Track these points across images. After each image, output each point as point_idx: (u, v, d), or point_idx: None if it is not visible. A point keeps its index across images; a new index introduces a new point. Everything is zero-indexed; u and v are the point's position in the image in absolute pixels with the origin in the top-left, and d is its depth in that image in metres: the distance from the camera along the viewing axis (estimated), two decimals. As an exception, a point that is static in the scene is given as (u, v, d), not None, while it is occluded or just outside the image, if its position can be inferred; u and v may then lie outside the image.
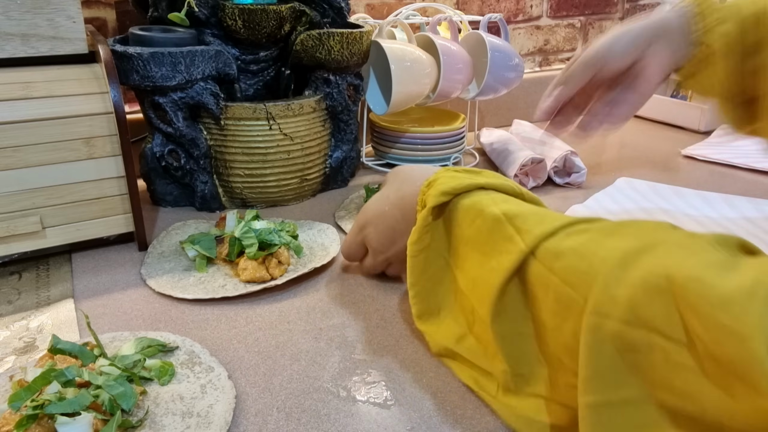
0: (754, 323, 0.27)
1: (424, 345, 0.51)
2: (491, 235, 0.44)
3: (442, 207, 0.48)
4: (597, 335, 0.34)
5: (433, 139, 0.92)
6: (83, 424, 0.38)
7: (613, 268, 0.35)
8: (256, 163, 0.77)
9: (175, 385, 0.46)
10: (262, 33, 0.75)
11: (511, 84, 0.95)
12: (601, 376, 0.34)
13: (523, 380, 0.43)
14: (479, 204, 0.46)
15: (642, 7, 1.36)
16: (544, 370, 0.42)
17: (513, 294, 0.42)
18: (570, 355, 0.38)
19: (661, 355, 0.32)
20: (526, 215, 0.43)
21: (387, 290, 0.60)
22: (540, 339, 0.42)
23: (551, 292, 0.39)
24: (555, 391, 0.41)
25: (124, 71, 0.68)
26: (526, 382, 0.42)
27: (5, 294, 0.60)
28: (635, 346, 0.33)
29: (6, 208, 0.59)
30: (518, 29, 1.23)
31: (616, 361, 0.34)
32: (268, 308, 0.57)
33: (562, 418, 0.40)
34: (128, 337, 0.51)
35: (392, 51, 0.81)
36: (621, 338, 0.33)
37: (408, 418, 0.43)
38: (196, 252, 0.63)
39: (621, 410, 0.34)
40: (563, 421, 0.40)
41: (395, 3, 1.07)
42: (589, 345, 0.35)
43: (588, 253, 0.38)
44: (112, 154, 0.63)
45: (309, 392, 0.46)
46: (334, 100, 0.80)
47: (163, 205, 0.81)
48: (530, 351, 0.42)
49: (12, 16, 0.59)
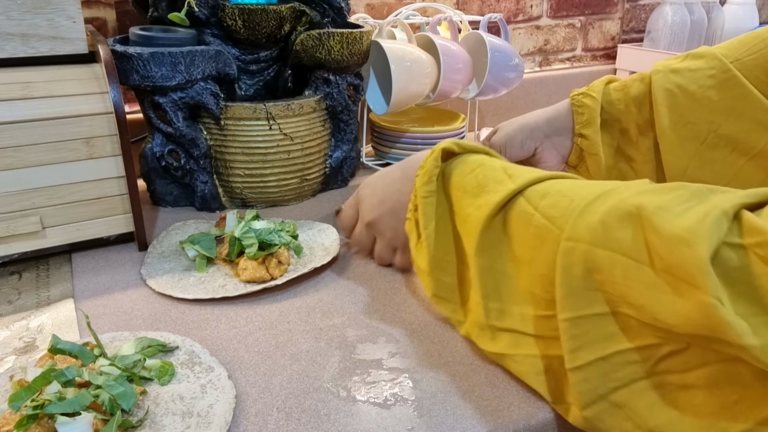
0: (703, 233, 0.32)
1: (424, 345, 0.52)
2: (485, 179, 0.48)
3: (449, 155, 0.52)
4: (569, 258, 0.39)
5: (433, 139, 0.92)
6: (83, 424, 0.38)
7: (591, 201, 0.39)
8: (256, 163, 0.77)
9: (175, 385, 0.46)
10: (262, 33, 0.75)
11: (511, 84, 0.95)
12: (574, 294, 0.39)
13: (496, 314, 0.46)
14: (482, 159, 0.51)
15: (642, 7, 1.36)
16: (516, 308, 0.45)
17: (496, 230, 0.46)
18: (542, 284, 0.43)
19: (620, 272, 0.36)
20: (522, 169, 0.48)
21: (387, 290, 0.60)
22: (514, 278, 0.46)
23: (531, 227, 0.43)
24: (526, 324, 0.45)
25: (124, 71, 0.68)
26: (499, 317, 0.46)
27: (5, 294, 0.60)
28: (599, 266, 0.37)
29: (6, 208, 0.59)
30: (518, 29, 1.23)
31: (586, 280, 0.38)
32: (268, 308, 0.57)
33: (534, 349, 0.44)
34: (128, 337, 0.51)
35: (392, 51, 0.81)
36: (589, 259, 0.38)
37: (408, 418, 0.43)
38: (196, 252, 0.63)
39: (592, 323, 0.38)
40: (535, 350, 0.44)
41: (395, 3, 1.07)
42: (563, 267, 0.39)
43: (570, 192, 0.42)
44: (112, 154, 0.63)
45: (309, 392, 0.46)
46: (334, 100, 0.80)
47: (163, 205, 0.81)
48: (505, 288, 0.46)
49: (12, 16, 0.59)
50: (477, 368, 0.49)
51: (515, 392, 0.46)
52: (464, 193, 0.49)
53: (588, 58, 1.35)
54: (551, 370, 0.43)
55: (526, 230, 0.44)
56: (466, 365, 0.49)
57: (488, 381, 0.47)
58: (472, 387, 0.47)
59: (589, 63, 1.35)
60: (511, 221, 0.45)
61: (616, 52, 1.33)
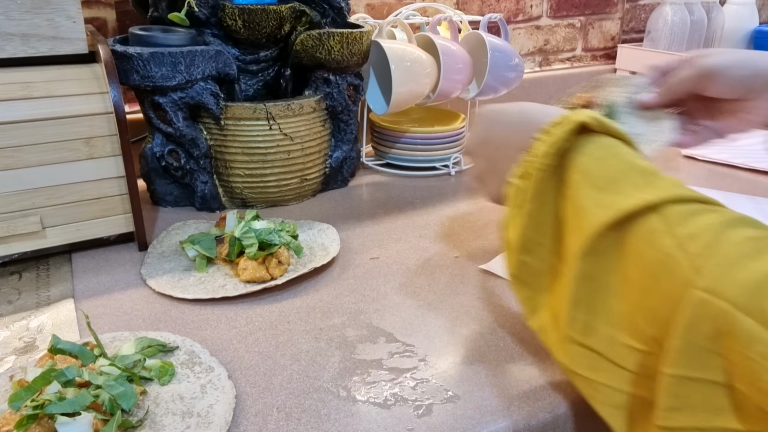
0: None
1: (425, 345, 0.52)
2: (618, 175, 0.41)
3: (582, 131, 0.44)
4: (701, 312, 0.33)
5: (433, 139, 0.92)
6: (83, 424, 0.38)
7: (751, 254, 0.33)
8: (256, 163, 0.77)
9: (175, 385, 0.46)
10: (262, 33, 0.75)
11: (511, 84, 0.95)
12: (692, 352, 0.34)
13: (581, 327, 0.41)
14: (620, 148, 0.43)
15: (642, 7, 1.36)
16: (606, 329, 0.40)
17: (612, 239, 0.40)
18: (649, 318, 0.37)
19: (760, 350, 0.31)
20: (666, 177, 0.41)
21: (387, 290, 0.60)
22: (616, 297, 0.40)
23: (658, 252, 0.37)
24: (613, 350, 0.39)
25: (124, 71, 0.68)
26: (584, 331, 0.41)
27: (5, 294, 0.60)
28: (736, 333, 0.32)
29: (6, 208, 0.59)
30: (518, 29, 1.23)
31: (712, 342, 0.33)
32: (268, 308, 0.57)
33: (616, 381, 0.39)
34: (128, 337, 0.51)
35: (392, 51, 0.81)
36: (726, 322, 0.32)
37: (408, 418, 0.43)
38: (196, 252, 0.63)
39: (701, 388, 0.34)
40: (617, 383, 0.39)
41: (395, 3, 1.07)
42: (690, 319, 0.34)
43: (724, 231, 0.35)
44: (112, 154, 0.63)
45: (309, 392, 0.46)
46: (334, 100, 0.80)
47: (163, 205, 0.81)
48: (601, 303, 0.40)
49: (12, 16, 0.59)
50: (477, 368, 0.49)
51: (515, 392, 0.46)
52: (588, 181, 0.42)
53: (588, 58, 1.35)
54: (629, 408, 0.39)
55: (650, 252, 0.37)
56: (466, 365, 0.49)
57: (488, 381, 0.47)
58: (472, 387, 0.47)
59: (589, 63, 1.35)
60: (635, 236, 0.38)
61: (616, 52, 1.33)
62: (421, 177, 0.92)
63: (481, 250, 0.68)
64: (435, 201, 0.83)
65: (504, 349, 0.51)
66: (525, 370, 0.49)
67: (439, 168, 0.95)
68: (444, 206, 0.81)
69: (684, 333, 0.34)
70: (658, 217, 0.38)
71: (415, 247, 0.69)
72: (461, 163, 0.97)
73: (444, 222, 0.76)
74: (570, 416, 0.45)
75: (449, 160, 0.94)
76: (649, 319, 0.37)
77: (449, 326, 0.54)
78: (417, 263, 0.66)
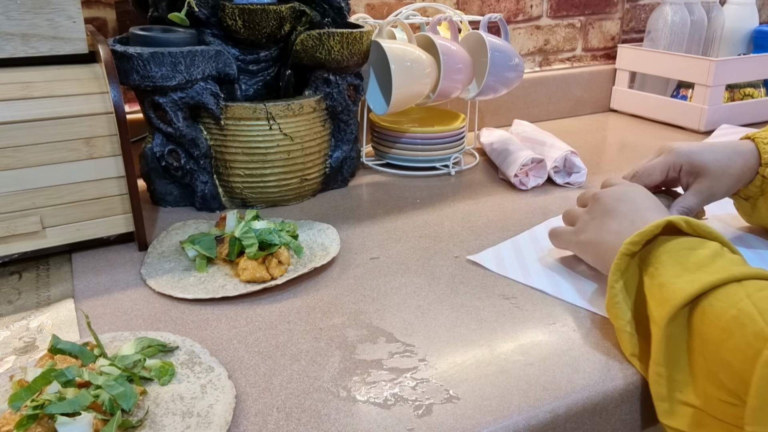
0: None
1: (425, 345, 0.51)
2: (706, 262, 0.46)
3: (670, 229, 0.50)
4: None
5: (433, 139, 0.92)
6: (83, 424, 0.38)
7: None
8: (256, 163, 0.77)
9: (175, 385, 0.46)
10: (262, 33, 0.75)
11: (511, 84, 0.95)
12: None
13: (681, 386, 0.44)
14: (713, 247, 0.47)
15: (642, 7, 1.36)
16: (701, 384, 0.43)
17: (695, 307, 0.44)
18: (727, 372, 0.40)
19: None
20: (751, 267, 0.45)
21: (387, 290, 0.60)
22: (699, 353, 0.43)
23: (734, 309, 0.41)
24: (710, 404, 0.42)
25: (124, 71, 0.68)
26: (683, 389, 0.44)
27: (5, 294, 0.60)
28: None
29: (6, 208, 0.59)
30: (518, 29, 1.23)
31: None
32: (268, 308, 0.57)
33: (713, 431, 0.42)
34: (128, 337, 0.51)
35: (392, 51, 0.81)
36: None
37: (408, 418, 0.43)
38: (196, 252, 0.63)
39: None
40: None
41: (395, 3, 1.07)
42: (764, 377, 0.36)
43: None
44: (112, 154, 0.63)
45: (309, 392, 0.46)
46: (334, 100, 0.80)
47: (163, 205, 0.81)
48: (687, 360, 0.44)
49: (12, 16, 0.59)
50: (477, 368, 0.49)
51: (515, 392, 0.46)
52: (675, 261, 0.47)
53: (588, 58, 1.35)
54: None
55: (725, 311, 0.41)
56: (466, 365, 0.49)
57: (488, 381, 0.47)
58: (471, 387, 0.47)
59: (589, 63, 1.35)
60: (714, 299, 0.43)
61: (616, 52, 1.33)
62: (421, 177, 0.93)
63: (480, 251, 0.68)
64: (435, 201, 0.83)
65: (504, 350, 0.51)
66: (525, 370, 0.49)
67: (439, 168, 0.95)
68: (444, 206, 0.81)
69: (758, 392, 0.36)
70: (739, 285, 0.42)
71: (415, 247, 0.69)
72: (461, 163, 0.97)
73: (444, 222, 0.76)
74: (570, 416, 0.45)
75: (449, 160, 0.94)
76: (727, 374, 0.40)
77: (449, 326, 0.54)
78: (417, 263, 0.66)
